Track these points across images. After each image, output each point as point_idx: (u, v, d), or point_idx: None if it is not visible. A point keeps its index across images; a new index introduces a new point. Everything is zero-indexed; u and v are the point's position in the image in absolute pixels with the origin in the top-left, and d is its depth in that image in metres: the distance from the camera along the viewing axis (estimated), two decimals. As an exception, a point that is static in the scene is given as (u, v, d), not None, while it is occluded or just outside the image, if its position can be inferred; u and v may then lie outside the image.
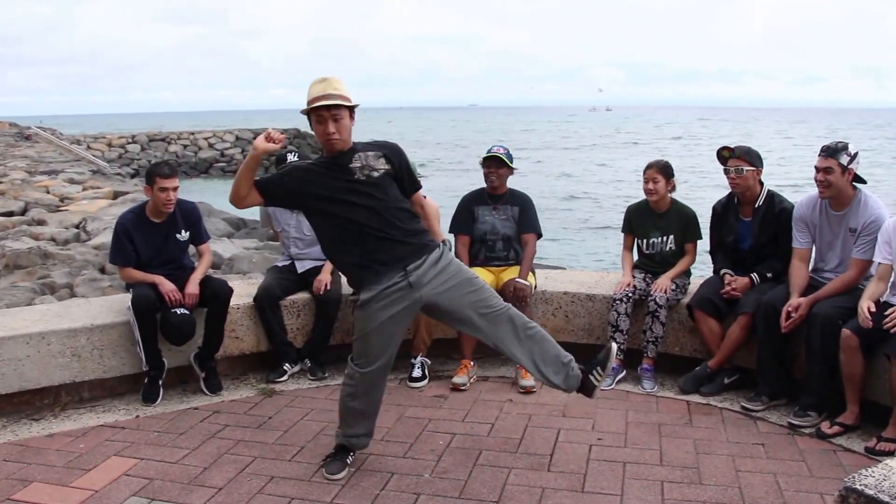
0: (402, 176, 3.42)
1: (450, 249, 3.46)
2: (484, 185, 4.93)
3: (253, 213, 4.81)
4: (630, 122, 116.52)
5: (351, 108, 3.30)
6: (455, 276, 3.36)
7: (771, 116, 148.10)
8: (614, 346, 3.48)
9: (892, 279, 3.92)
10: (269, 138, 3.29)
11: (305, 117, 3.33)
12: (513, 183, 5.00)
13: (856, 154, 4.06)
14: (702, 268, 5.10)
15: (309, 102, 3.26)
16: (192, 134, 40.94)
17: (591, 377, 3.41)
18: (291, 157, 4.87)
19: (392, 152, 3.41)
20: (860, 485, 1.95)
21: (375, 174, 3.30)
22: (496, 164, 4.80)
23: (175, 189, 4.40)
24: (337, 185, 3.29)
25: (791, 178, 26.88)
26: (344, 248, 3.35)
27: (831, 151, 4.03)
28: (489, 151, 4.84)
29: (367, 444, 3.59)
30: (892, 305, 3.84)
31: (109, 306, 4.66)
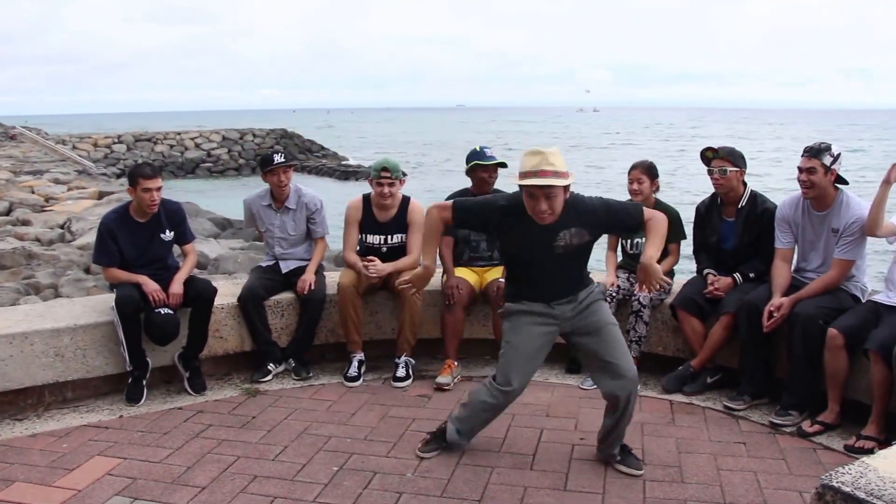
0: (614, 222, 3.39)
1: (601, 292, 3.55)
2: (466, 186, 4.95)
3: (239, 214, 4.81)
4: (617, 123, 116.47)
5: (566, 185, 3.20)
6: (591, 314, 3.42)
7: (763, 117, 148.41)
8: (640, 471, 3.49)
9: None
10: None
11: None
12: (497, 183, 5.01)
13: (838, 155, 4.09)
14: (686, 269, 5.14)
15: (521, 175, 3.16)
16: (179, 134, 40.78)
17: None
18: (278, 158, 4.88)
19: (593, 219, 3.30)
20: (837, 482, 1.98)
21: (574, 244, 3.30)
22: (494, 169, 4.83)
23: (158, 189, 4.38)
24: (534, 244, 3.30)
25: (784, 180, 26.80)
26: (514, 270, 3.51)
27: (815, 152, 4.06)
28: (486, 157, 4.82)
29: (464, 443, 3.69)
30: (878, 304, 3.90)
31: (93, 306, 4.64)
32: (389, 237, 4.86)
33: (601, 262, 5.02)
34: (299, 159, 39.52)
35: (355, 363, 4.73)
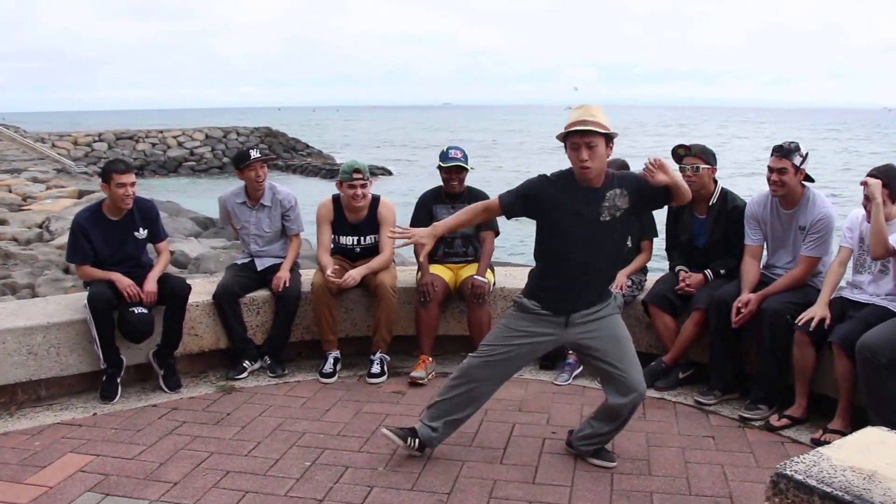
0: (641, 201, 3.39)
1: (619, 306, 3.63)
2: (441, 183, 4.98)
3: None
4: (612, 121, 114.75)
5: (608, 137, 3.23)
6: (604, 328, 3.42)
7: (751, 116, 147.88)
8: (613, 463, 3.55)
9: (851, 265, 4.09)
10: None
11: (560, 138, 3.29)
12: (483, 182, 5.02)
13: (807, 154, 4.17)
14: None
15: (565, 127, 3.23)
16: (161, 132, 40.46)
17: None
18: (254, 154, 4.88)
19: (630, 183, 3.35)
20: (790, 470, 2.02)
21: (618, 213, 3.32)
22: (456, 171, 4.84)
23: (132, 185, 4.39)
24: (582, 218, 3.31)
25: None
26: (547, 268, 3.49)
27: (785, 152, 4.13)
28: (447, 158, 4.85)
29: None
30: (845, 300, 3.97)
31: (67, 304, 4.64)
32: (362, 238, 4.88)
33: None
34: (284, 158, 39.27)
35: (331, 360, 4.74)
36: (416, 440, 3.52)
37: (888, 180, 3.78)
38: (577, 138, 3.19)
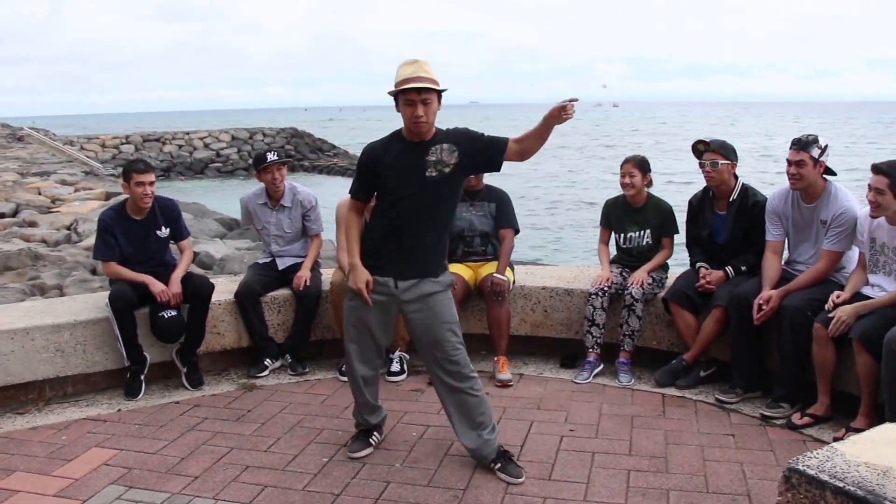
0: (479, 151, 3.39)
1: (449, 283, 3.56)
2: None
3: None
4: (649, 119, 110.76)
5: (439, 93, 3.30)
6: (429, 310, 3.43)
7: (790, 111, 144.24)
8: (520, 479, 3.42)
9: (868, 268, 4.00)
10: None
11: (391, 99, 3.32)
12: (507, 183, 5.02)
13: (826, 147, 4.12)
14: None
15: (397, 84, 3.27)
16: (188, 134, 40.77)
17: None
18: (271, 156, 4.93)
19: (462, 140, 3.39)
20: (803, 466, 2.01)
21: (447, 170, 3.35)
22: None
23: (151, 184, 4.47)
24: (407, 170, 3.34)
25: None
26: (374, 229, 3.49)
27: (803, 144, 4.09)
28: None
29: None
30: (864, 297, 3.92)
31: (93, 303, 4.72)
32: None
33: (592, 253, 5.01)
34: (310, 158, 39.41)
35: (351, 358, 4.77)
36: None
37: (894, 178, 3.71)
38: (413, 95, 3.23)
